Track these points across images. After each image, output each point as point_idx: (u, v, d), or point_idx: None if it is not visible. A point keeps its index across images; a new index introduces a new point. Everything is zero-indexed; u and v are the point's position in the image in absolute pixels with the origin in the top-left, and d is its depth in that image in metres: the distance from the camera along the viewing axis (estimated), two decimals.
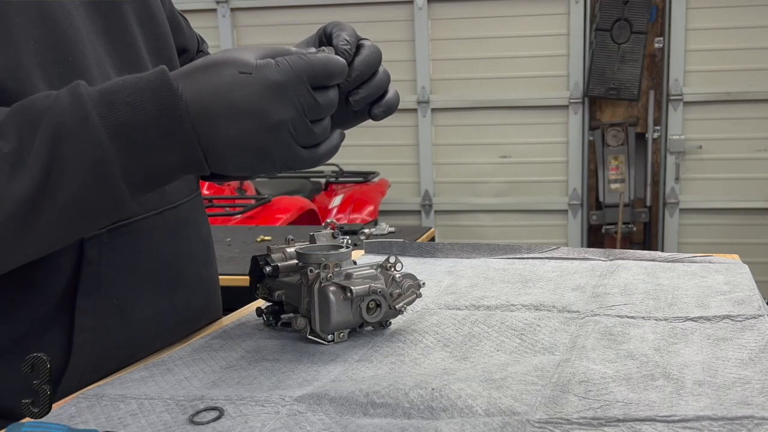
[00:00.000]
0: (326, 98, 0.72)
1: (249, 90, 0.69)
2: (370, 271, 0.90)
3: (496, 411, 0.66)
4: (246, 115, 0.69)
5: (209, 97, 0.69)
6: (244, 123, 0.69)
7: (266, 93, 0.69)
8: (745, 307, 0.94)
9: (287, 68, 0.69)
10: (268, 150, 0.71)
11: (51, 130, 0.66)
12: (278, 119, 0.69)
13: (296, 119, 0.70)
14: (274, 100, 0.69)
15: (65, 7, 0.81)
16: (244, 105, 0.69)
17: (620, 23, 4.43)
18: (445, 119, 4.81)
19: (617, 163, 4.55)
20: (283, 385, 0.76)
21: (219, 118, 0.69)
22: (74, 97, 0.68)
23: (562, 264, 1.21)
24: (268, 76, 0.69)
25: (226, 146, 0.70)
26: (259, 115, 0.69)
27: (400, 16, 4.73)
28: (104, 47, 0.87)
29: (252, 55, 0.70)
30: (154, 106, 0.68)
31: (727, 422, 0.61)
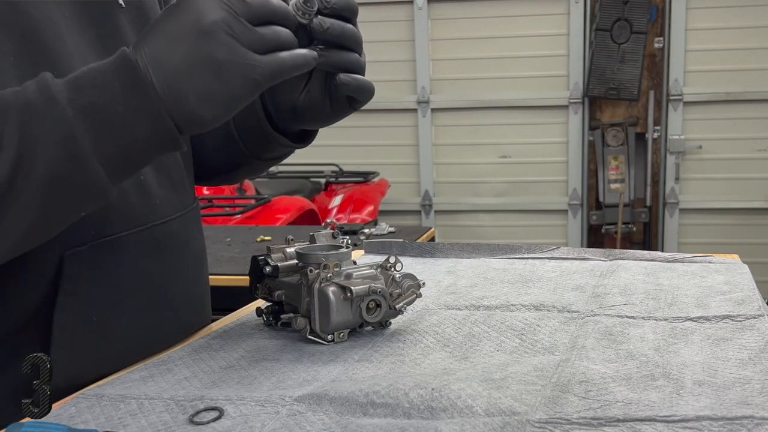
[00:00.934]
0: (276, 34, 0.71)
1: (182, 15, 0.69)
2: (370, 271, 0.90)
3: (496, 411, 0.66)
4: (180, 35, 0.69)
5: (158, 42, 0.70)
6: (182, 43, 0.69)
7: (193, 5, 0.69)
8: (745, 307, 0.94)
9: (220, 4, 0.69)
10: (214, 59, 0.68)
11: (19, 112, 0.67)
12: (209, 21, 0.68)
13: (229, 18, 0.68)
14: (201, 8, 0.68)
15: (52, 20, 0.79)
16: (177, 27, 0.69)
17: (620, 23, 4.43)
18: (445, 119, 4.81)
19: (617, 163, 4.55)
20: (283, 385, 0.76)
21: (165, 53, 0.69)
22: (39, 83, 0.69)
23: (562, 264, 1.21)
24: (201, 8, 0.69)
25: (179, 78, 0.69)
26: (192, 24, 0.68)
27: (400, 16, 4.73)
28: (96, 58, 0.83)
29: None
30: (115, 79, 0.69)
31: (727, 422, 0.61)
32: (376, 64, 4.69)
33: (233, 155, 1.02)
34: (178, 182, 0.95)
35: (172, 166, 0.94)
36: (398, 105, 4.78)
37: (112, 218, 0.83)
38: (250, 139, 0.99)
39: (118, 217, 0.84)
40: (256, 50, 0.70)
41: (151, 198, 0.89)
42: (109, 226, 0.83)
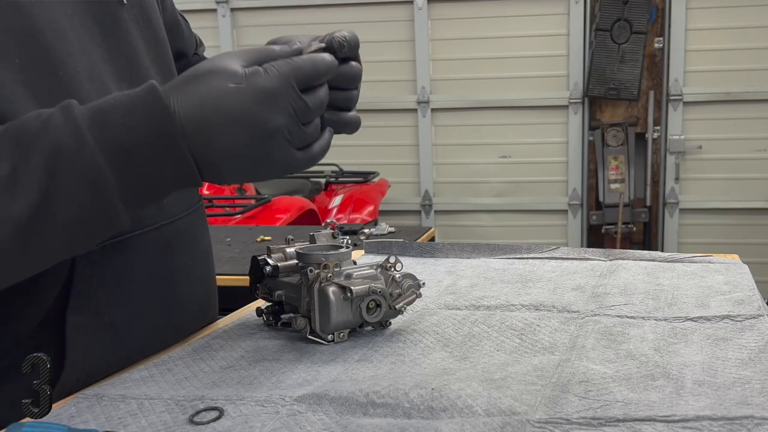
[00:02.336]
0: (316, 99, 0.72)
1: (241, 100, 0.69)
2: (370, 271, 0.90)
3: (496, 411, 0.66)
4: (241, 125, 0.69)
5: (202, 110, 0.69)
6: (240, 133, 0.69)
7: (259, 102, 0.69)
8: (745, 307, 0.94)
9: (276, 74, 0.70)
10: (266, 157, 0.71)
11: (47, 152, 0.66)
12: (274, 126, 0.69)
13: (290, 124, 0.70)
14: (267, 108, 0.69)
15: (55, 19, 0.79)
16: (239, 115, 0.69)
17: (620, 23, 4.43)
18: (445, 119, 4.81)
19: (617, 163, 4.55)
20: (283, 385, 0.76)
21: (214, 130, 0.69)
22: (68, 119, 0.67)
23: (562, 264, 1.21)
24: (259, 84, 0.69)
25: (222, 157, 0.70)
26: (255, 124, 0.69)
27: (400, 16, 4.73)
28: (102, 56, 0.85)
29: (239, 63, 0.70)
30: (147, 125, 0.68)
31: (727, 422, 0.61)
32: (376, 64, 4.70)
33: None
34: None
35: None
36: (398, 105, 4.78)
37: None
38: None
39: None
40: (299, 148, 0.73)
41: None
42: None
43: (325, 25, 4.65)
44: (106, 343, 0.84)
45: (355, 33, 0.79)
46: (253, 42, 4.75)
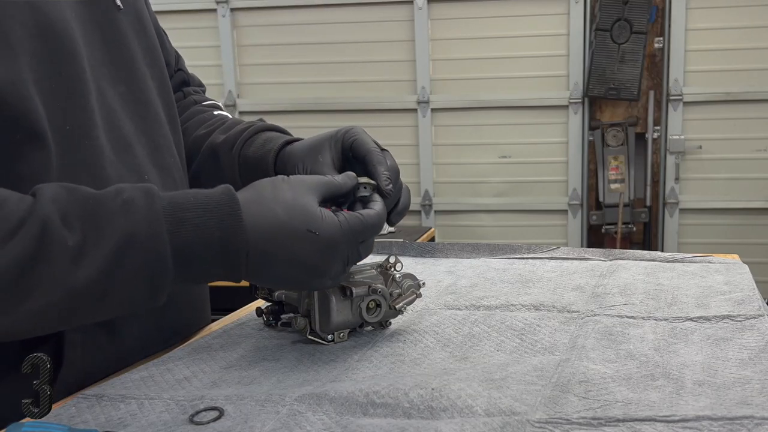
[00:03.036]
0: (367, 249, 0.82)
1: (312, 248, 0.75)
2: (370, 271, 0.90)
3: (496, 411, 0.66)
4: (301, 267, 0.76)
5: (273, 243, 0.74)
6: (297, 272, 0.76)
7: (325, 251, 0.76)
8: (745, 307, 0.94)
9: (347, 230, 0.77)
10: (306, 286, 0.82)
11: (122, 236, 0.68)
12: (327, 271, 0.78)
13: (341, 270, 0.79)
14: (329, 258, 0.77)
15: (64, 21, 0.80)
16: (304, 260, 0.75)
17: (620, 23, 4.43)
18: (445, 119, 4.80)
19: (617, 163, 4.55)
20: (283, 385, 0.76)
21: (276, 265, 0.75)
22: (150, 209, 0.70)
23: (562, 264, 1.21)
24: (332, 236, 0.76)
25: (272, 281, 0.81)
26: (313, 269, 0.77)
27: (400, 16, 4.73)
28: (101, 59, 0.85)
29: (315, 199, 0.77)
30: (220, 235, 0.71)
31: (727, 422, 0.61)
32: (376, 64, 4.69)
33: None
34: (180, 181, 0.96)
35: (174, 166, 0.94)
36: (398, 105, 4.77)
37: None
38: None
39: None
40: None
41: None
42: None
43: (326, 25, 4.65)
44: (104, 342, 0.84)
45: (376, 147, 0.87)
46: (253, 42, 4.75)
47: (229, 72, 4.72)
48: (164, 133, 0.94)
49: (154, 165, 0.90)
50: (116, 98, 0.86)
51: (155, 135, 0.91)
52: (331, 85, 4.69)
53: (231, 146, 1.01)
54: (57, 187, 0.69)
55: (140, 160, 0.87)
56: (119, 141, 0.85)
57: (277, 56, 4.71)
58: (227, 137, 1.03)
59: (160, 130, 0.93)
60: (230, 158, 1.00)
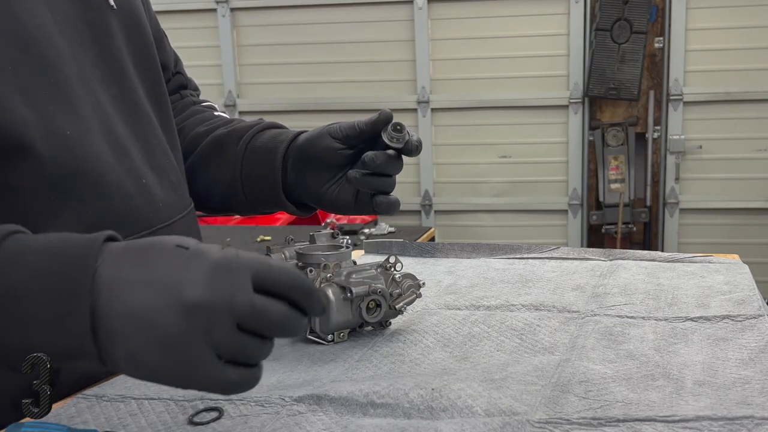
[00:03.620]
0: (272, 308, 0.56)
1: (176, 261, 0.55)
2: (370, 271, 0.90)
3: (496, 411, 0.66)
4: (160, 286, 0.54)
5: (128, 262, 0.56)
6: (156, 295, 0.54)
7: (194, 269, 0.54)
8: (745, 307, 0.94)
9: (233, 254, 0.56)
10: (176, 344, 0.53)
11: None
12: (196, 300, 0.53)
13: (218, 314, 0.53)
14: (198, 279, 0.54)
15: (44, 25, 0.78)
16: (164, 274, 0.55)
17: (620, 23, 4.43)
18: (445, 119, 4.80)
19: (617, 163, 4.55)
20: (283, 385, 0.76)
21: (129, 285, 0.55)
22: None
23: (562, 264, 1.21)
24: (207, 255, 0.55)
25: (122, 317, 0.54)
26: (174, 291, 0.54)
27: (400, 16, 4.73)
28: (91, 61, 0.84)
29: (195, 242, 0.58)
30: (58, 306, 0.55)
31: (727, 422, 0.61)
32: (376, 64, 4.69)
33: (229, 200, 1.04)
34: (177, 183, 0.95)
35: (169, 168, 0.93)
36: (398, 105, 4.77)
37: (118, 222, 0.82)
38: (254, 196, 1.01)
39: (124, 221, 0.82)
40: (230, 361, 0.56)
41: (155, 200, 0.88)
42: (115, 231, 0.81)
43: (326, 25, 4.65)
44: None
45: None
46: (253, 41, 4.76)
47: (229, 72, 4.72)
48: (156, 135, 0.93)
49: (150, 168, 0.89)
50: (109, 101, 0.85)
51: (148, 137, 0.90)
52: (331, 85, 4.70)
53: (238, 138, 1.01)
54: None
55: (137, 163, 0.86)
56: (117, 145, 0.84)
57: (277, 56, 4.71)
58: (233, 130, 1.03)
59: (153, 131, 0.92)
60: (235, 150, 1.00)
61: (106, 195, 0.80)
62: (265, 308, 0.55)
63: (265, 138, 1.00)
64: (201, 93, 1.19)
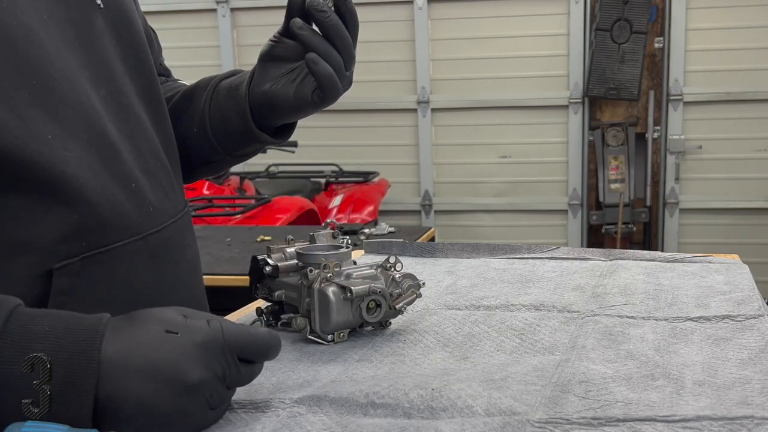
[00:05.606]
0: (251, 372, 0.69)
1: (170, 347, 0.63)
2: (370, 271, 0.90)
3: (496, 411, 0.66)
4: (161, 375, 0.62)
5: (126, 357, 0.62)
6: (158, 383, 0.62)
7: (190, 353, 0.63)
8: (745, 307, 0.94)
9: (217, 332, 0.65)
10: (180, 415, 0.63)
11: None
12: (198, 383, 0.63)
13: (218, 387, 0.65)
14: (195, 362, 0.63)
15: (28, 25, 0.76)
16: (163, 363, 0.62)
17: (620, 23, 4.43)
18: (445, 119, 4.81)
19: (617, 163, 4.55)
20: (283, 386, 0.76)
21: (132, 379, 0.62)
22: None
23: (562, 264, 1.21)
24: (196, 337, 0.64)
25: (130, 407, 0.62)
26: (177, 376, 0.62)
27: (400, 16, 4.73)
28: (79, 61, 0.81)
29: (180, 314, 0.66)
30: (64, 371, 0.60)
31: (727, 422, 0.61)
32: (376, 64, 4.69)
33: (203, 152, 1.03)
34: (169, 187, 0.92)
35: (161, 171, 0.91)
36: (398, 105, 4.78)
37: (106, 228, 0.79)
38: (225, 136, 1.01)
39: (112, 227, 0.79)
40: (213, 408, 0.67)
41: (145, 205, 0.85)
42: (102, 237, 0.79)
43: None
44: None
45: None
46: (253, 42, 4.76)
47: None
48: (148, 137, 0.90)
49: (141, 171, 0.86)
50: (98, 102, 0.82)
51: (138, 139, 0.88)
52: None
53: (205, 86, 1.03)
54: None
55: (127, 166, 0.84)
56: (106, 148, 0.81)
57: None
58: (201, 81, 1.05)
59: (144, 134, 0.89)
60: (203, 96, 1.01)
61: (91, 199, 0.77)
62: (249, 374, 0.70)
63: (231, 79, 1.01)
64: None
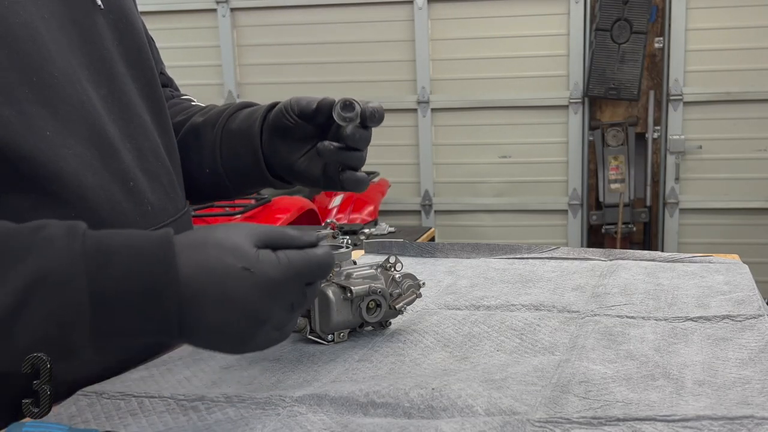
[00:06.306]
0: (313, 292, 0.72)
1: (247, 285, 0.66)
2: (370, 271, 0.90)
3: (496, 411, 0.66)
4: (239, 312, 0.66)
5: (205, 285, 0.65)
6: (235, 318, 0.66)
7: (263, 291, 0.67)
8: (745, 307, 0.94)
9: (287, 267, 0.68)
10: (249, 339, 0.68)
11: (31, 276, 0.61)
12: (268, 317, 0.67)
13: (284, 315, 0.69)
14: (268, 300, 0.67)
15: (29, 24, 0.77)
16: (240, 301, 0.66)
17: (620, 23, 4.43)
18: (445, 119, 4.81)
19: (617, 163, 4.55)
20: (283, 386, 0.76)
21: (210, 309, 0.65)
22: (70, 250, 0.62)
23: (562, 264, 1.21)
24: (269, 273, 0.67)
25: (208, 336, 0.67)
26: (252, 313, 0.67)
27: (400, 16, 4.73)
28: (79, 61, 0.82)
29: (251, 242, 0.68)
30: (148, 281, 0.63)
31: (727, 422, 0.61)
32: (376, 64, 4.69)
33: (215, 187, 1.05)
34: (169, 186, 0.93)
35: (161, 171, 0.92)
36: (398, 105, 4.77)
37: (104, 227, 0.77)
38: (237, 178, 1.02)
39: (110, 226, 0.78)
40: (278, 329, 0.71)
41: (144, 204, 0.86)
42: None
43: (326, 25, 4.65)
44: None
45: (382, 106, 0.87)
46: (253, 42, 4.76)
47: (229, 72, 4.72)
48: (150, 138, 0.91)
49: (141, 170, 0.87)
50: (99, 101, 0.83)
51: (140, 139, 0.89)
52: (331, 85, 4.70)
53: (213, 124, 1.02)
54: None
55: (126, 165, 0.85)
56: (105, 147, 0.82)
57: (277, 56, 4.71)
58: (208, 117, 1.04)
59: (146, 134, 0.90)
60: (212, 136, 1.00)
61: (90, 198, 0.78)
62: (312, 295, 0.73)
63: (239, 120, 1.01)
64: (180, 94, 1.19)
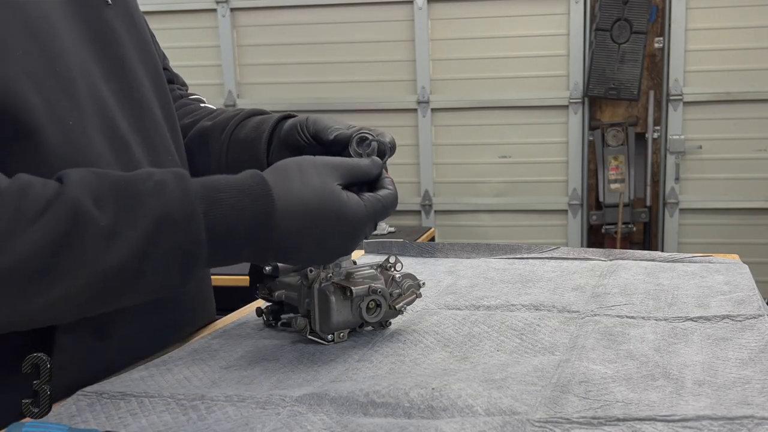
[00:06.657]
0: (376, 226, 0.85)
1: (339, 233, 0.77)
2: (370, 271, 0.90)
3: (496, 411, 0.66)
4: (327, 250, 0.79)
5: (302, 227, 0.75)
6: (322, 253, 0.79)
7: (351, 235, 0.78)
8: (745, 307, 0.94)
9: (372, 214, 0.79)
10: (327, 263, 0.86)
11: (155, 217, 0.67)
12: (348, 250, 0.81)
13: (357, 244, 0.81)
14: (353, 241, 0.80)
15: (48, 20, 0.79)
16: (331, 243, 0.78)
17: (620, 23, 4.43)
18: (445, 119, 4.80)
19: (617, 163, 4.55)
20: (283, 385, 0.76)
21: (303, 246, 0.76)
22: (183, 190, 0.69)
23: (562, 264, 1.21)
24: (360, 220, 0.78)
25: (295, 261, 0.84)
26: (337, 250, 0.80)
27: (400, 16, 4.73)
28: (91, 56, 0.84)
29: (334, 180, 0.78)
30: (252, 216, 0.72)
31: (727, 422, 0.61)
32: (376, 64, 4.69)
33: None
34: None
35: (171, 165, 0.93)
36: (398, 105, 4.77)
37: None
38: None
39: None
40: None
41: None
42: None
43: (326, 25, 4.64)
44: (94, 346, 0.82)
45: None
46: (253, 41, 4.76)
47: (229, 72, 4.72)
48: (161, 132, 0.92)
49: (151, 164, 0.88)
50: (110, 96, 0.85)
51: (151, 134, 0.90)
52: (331, 85, 4.69)
53: (221, 130, 1.02)
54: (83, 171, 0.68)
55: (137, 159, 0.86)
56: (117, 141, 0.83)
57: (277, 56, 4.71)
58: (216, 122, 1.03)
59: (156, 128, 0.92)
60: (219, 142, 1.00)
61: None
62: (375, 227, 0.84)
63: (247, 129, 1.00)
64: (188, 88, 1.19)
